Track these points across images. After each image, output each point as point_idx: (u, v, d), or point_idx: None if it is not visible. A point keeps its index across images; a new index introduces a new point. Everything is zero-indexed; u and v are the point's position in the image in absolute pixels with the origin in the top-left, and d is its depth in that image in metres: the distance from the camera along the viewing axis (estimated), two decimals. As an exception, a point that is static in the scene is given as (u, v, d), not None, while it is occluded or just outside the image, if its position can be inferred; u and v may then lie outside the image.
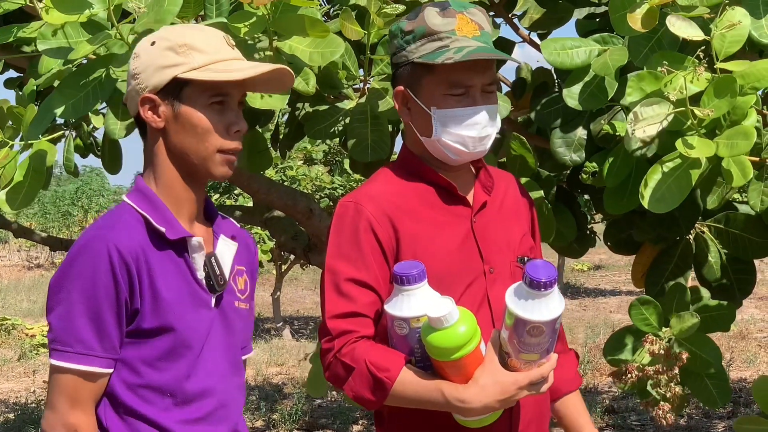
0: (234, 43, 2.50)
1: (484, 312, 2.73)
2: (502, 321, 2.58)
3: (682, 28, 2.95)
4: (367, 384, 2.66)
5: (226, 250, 2.53)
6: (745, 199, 4.00)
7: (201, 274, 2.46)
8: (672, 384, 3.44)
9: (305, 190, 15.45)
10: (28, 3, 3.17)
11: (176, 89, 2.42)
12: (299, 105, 4.07)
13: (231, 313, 2.53)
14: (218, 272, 2.48)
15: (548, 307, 2.50)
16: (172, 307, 2.39)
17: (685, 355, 3.42)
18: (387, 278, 2.71)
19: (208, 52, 2.43)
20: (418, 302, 2.59)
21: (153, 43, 2.45)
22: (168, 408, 2.41)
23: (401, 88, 2.79)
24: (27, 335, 15.66)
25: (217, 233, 2.54)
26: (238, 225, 2.64)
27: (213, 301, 2.48)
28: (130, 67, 2.48)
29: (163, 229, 2.40)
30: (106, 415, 2.39)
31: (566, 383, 2.99)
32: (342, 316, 2.71)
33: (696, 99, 2.90)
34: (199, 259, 2.46)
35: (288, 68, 2.50)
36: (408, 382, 2.62)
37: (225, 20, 3.08)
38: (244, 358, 2.63)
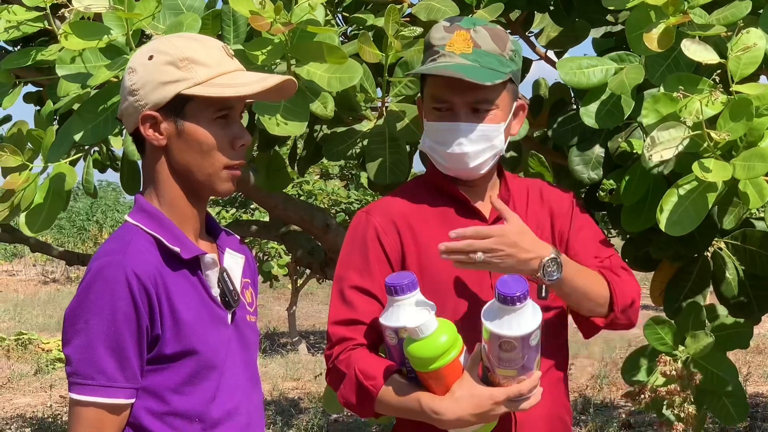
0: (233, 53, 2.44)
1: None
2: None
3: (697, 52, 2.95)
4: (355, 391, 2.71)
5: (233, 264, 2.49)
6: (762, 215, 3.99)
7: (215, 291, 2.41)
8: (686, 404, 3.43)
9: (321, 205, 15.46)
10: (46, 26, 3.18)
11: (179, 105, 2.34)
12: (317, 126, 4.08)
13: (245, 328, 2.50)
14: (232, 288, 2.44)
15: (518, 322, 2.50)
16: (193, 330, 2.33)
17: (698, 376, 3.41)
18: None
19: (210, 66, 2.35)
20: (405, 313, 2.61)
21: (150, 57, 2.36)
22: None
23: (419, 97, 2.86)
24: (43, 350, 15.69)
25: (222, 247, 2.50)
26: (237, 237, 2.59)
27: (229, 317, 2.43)
28: (127, 83, 2.38)
29: (177, 250, 2.34)
30: None
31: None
32: (342, 323, 2.77)
33: (712, 121, 2.89)
34: (212, 276, 2.41)
35: (293, 78, 2.45)
36: (391, 391, 2.66)
37: (242, 47, 3.08)
38: None
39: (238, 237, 2.59)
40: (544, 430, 2.83)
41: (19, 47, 4.82)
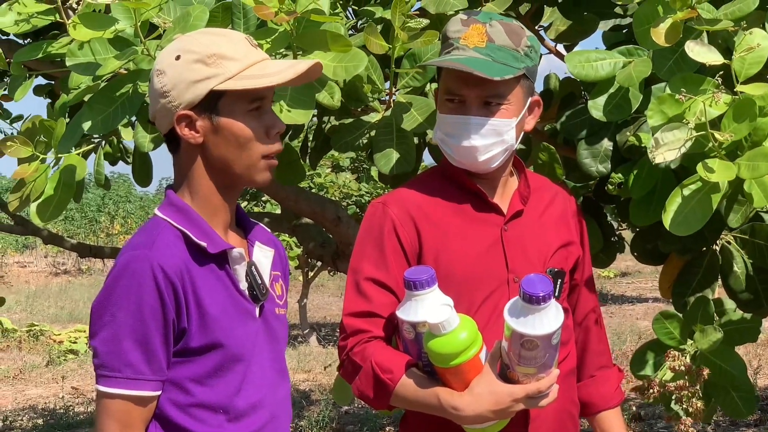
0: (257, 43, 2.45)
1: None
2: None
3: (701, 53, 2.95)
4: (371, 384, 2.71)
5: (262, 257, 2.50)
6: (768, 213, 3.99)
7: (243, 285, 2.42)
8: (694, 399, 3.44)
9: (333, 198, 15.47)
10: (57, 19, 3.19)
11: (212, 102, 2.34)
12: (325, 118, 4.08)
13: (273, 321, 2.50)
14: (260, 281, 2.44)
15: (542, 322, 2.50)
16: (220, 323, 2.34)
17: (705, 371, 3.42)
18: None
19: (238, 59, 2.35)
20: (424, 308, 2.61)
21: (178, 57, 2.35)
22: (221, 425, 2.36)
23: (437, 89, 2.86)
24: (55, 341, 15.74)
25: (252, 240, 2.51)
26: (268, 230, 2.61)
27: (257, 311, 2.45)
28: (157, 85, 2.37)
29: (204, 244, 2.35)
30: None
31: (603, 399, 3.01)
32: (358, 315, 2.77)
33: (717, 121, 2.90)
34: (240, 270, 2.41)
35: (320, 62, 2.46)
36: (409, 385, 2.66)
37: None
38: None
39: (269, 230, 2.60)
40: (554, 425, 2.84)
41: (29, 41, 4.85)
